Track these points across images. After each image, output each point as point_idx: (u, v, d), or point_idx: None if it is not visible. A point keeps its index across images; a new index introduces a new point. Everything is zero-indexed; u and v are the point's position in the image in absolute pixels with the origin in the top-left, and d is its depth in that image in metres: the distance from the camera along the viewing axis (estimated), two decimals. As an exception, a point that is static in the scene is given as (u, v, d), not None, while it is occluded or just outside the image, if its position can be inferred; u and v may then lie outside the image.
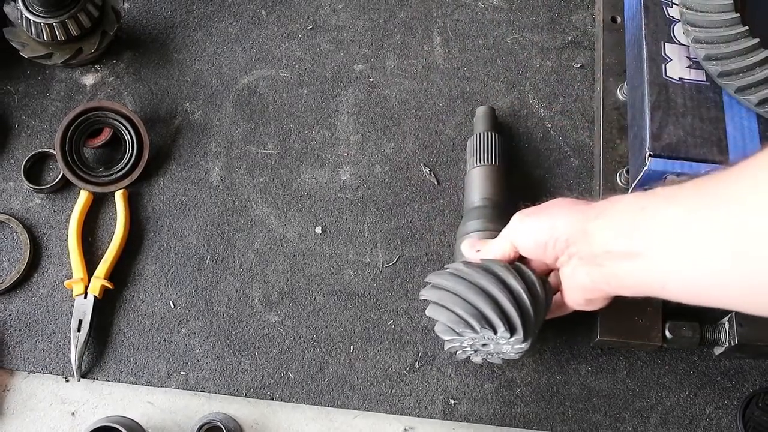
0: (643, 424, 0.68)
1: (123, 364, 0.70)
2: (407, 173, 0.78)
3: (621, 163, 0.73)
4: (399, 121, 0.80)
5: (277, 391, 0.69)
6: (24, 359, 0.70)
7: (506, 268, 0.60)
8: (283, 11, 0.86)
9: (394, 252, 0.74)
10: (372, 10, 0.86)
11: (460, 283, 0.60)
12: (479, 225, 0.66)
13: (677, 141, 0.63)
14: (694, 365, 0.70)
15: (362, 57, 0.83)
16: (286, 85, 0.82)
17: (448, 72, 0.82)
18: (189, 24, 0.85)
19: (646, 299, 0.68)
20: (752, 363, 0.70)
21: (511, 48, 0.84)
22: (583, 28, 0.84)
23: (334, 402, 0.69)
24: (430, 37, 0.84)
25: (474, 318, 0.58)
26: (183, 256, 0.74)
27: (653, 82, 0.65)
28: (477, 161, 0.72)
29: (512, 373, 0.70)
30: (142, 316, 0.72)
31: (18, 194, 0.76)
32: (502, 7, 0.86)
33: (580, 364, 0.70)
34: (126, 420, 0.65)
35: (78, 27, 0.76)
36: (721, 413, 0.69)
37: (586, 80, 0.82)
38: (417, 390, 0.69)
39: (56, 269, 0.73)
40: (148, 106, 0.80)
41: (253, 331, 0.71)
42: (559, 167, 0.78)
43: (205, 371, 0.70)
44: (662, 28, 0.68)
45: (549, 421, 0.68)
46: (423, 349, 0.70)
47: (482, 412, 0.68)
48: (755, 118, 0.64)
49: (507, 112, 0.80)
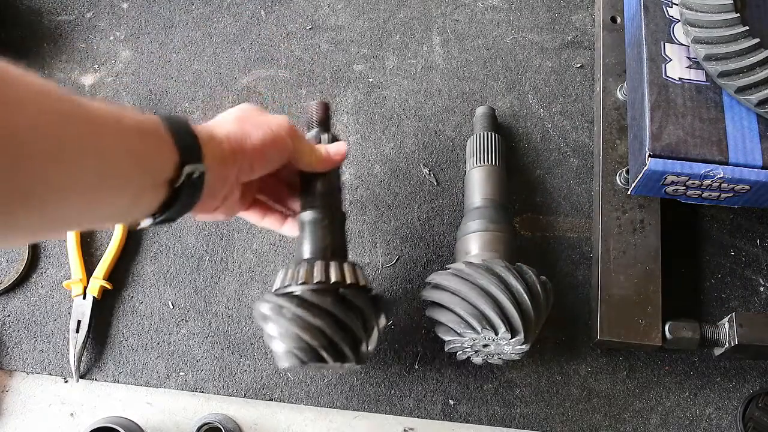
0: (643, 424, 0.68)
1: (122, 365, 0.70)
2: (407, 173, 0.78)
3: (621, 164, 0.73)
4: (398, 121, 0.80)
5: (276, 392, 0.69)
6: (23, 360, 0.70)
7: (507, 268, 0.60)
8: (282, 11, 0.86)
9: (393, 252, 0.74)
10: (371, 10, 0.86)
11: (461, 283, 0.59)
12: (479, 225, 0.66)
13: (677, 141, 0.63)
14: (694, 366, 0.70)
15: (361, 57, 0.83)
16: (285, 85, 0.82)
17: (448, 72, 0.82)
18: (188, 24, 0.85)
19: (646, 299, 0.68)
20: (752, 364, 0.70)
21: (511, 48, 0.84)
22: (582, 28, 0.84)
23: (334, 403, 0.68)
24: (430, 38, 0.84)
25: (475, 319, 0.58)
26: (182, 256, 0.74)
27: (653, 82, 0.65)
28: (477, 161, 0.72)
29: (512, 374, 0.69)
30: (141, 317, 0.71)
31: (17, 194, 0.76)
32: (501, 7, 0.86)
33: (579, 364, 0.70)
34: (125, 421, 0.65)
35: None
36: (721, 414, 0.69)
37: (585, 80, 0.82)
38: (416, 390, 0.69)
39: (55, 270, 0.73)
40: (148, 107, 0.80)
41: (253, 332, 0.71)
42: (558, 167, 0.78)
43: (204, 372, 0.69)
44: (662, 28, 0.68)
45: (549, 422, 0.68)
46: (422, 350, 0.70)
47: (482, 412, 0.68)
48: (755, 119, 0.64)
49: (507, 112, 0.80)
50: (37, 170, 0.37)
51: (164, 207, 0.48)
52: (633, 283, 0.68)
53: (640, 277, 0.68)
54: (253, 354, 0.70)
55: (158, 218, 0.49)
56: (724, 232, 0.75)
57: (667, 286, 0.68)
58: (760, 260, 0.74)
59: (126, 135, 0.43)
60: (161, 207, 0.48)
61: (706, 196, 0.66)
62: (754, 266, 0.73)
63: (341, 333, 0.55)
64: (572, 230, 0.75)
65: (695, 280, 0.73)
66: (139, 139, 0.44)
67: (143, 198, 0.46)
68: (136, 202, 0.46)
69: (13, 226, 0.39)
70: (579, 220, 0.75)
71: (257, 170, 0.56)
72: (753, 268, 0.73)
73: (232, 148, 0.52)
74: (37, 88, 0.38)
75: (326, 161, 0.61)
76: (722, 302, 0.72)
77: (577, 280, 0.73)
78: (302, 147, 0.59)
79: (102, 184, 0.42)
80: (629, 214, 0.71)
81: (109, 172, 0.42)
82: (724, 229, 0.75)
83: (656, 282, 0.68)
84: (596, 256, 0.71)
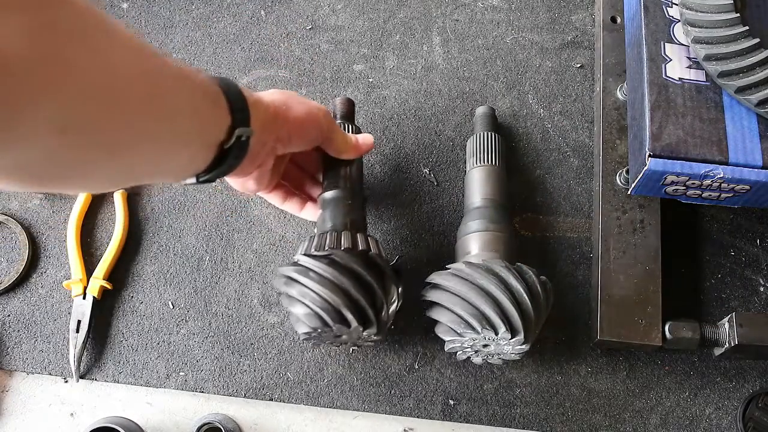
0: (643, 424, 0.68)
1: (122, 365, 0.70)
2: (407, 173, 0.78)
3: (621, 164, 0.73)
4: (398, 121, 0.80)
5: (276, 392, 0.69)
6: (23, 360, 0.70)
7: (507, 268, 0.60)
8: (282, 11, 0.86)
9: (394, 252, 0.74)
10: (371, 10, 0.86)
11: (461, 283, 0.59)
12: (480, 225, 0.66)
13: (677, 141, 0.63)
14: (694, 366, 0.70)
15: (361, 57, 0.83)
16: (285, 85, 0.82)
17: (448, 72, 0.82)
18: (188, 24, 0.85)
19: (646, 299, 0.68)
20: (752, 363, 0.70)
21: (511, 48, 0.84)
22: (582, 28, 0.84)
23: (334, 403, 0.68)
24: (430, 37, 0.84)
25: (475, 319, 0.58)
26: (182, 256, 0.74)
27: (653, 82, 0.65)
28: (477, 161, 0.72)
29: (512, 374, 0.69)
30: (141, 317, 0.71)
31: (17, 194, 0.76)
32: (501, 7, 0.86)
33: (579, 364, 0.70)
34: (125, 421, 0.65)
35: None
36: (721, 414, 0.69)
37: (585, 80, 0.82)
38: (416, 391, 0.69)
39: (55, 270, 0.73)
40: (147, 107, 0.80)
41: (252, 332, 0.71)
42: (558, 167, 0.78)
43: (204, 372, 0.69)
44: (662, 28, 0.68)
45: (549, 422, 0.68)
46: (422, 350, 0.70)
47: (482, 412, 0.68)
48: (755, 119, 0.64)
49: (507, 112, 0.80)
50: (126, 121, 0.40)
51: (210, 167, 0.51)
52: (633, 283, 0.68)
53: (640, 277, 0.68)
54: (253, 354, 0.70)
55: (202, 178, 0.52)
56: (724, 232, 0.75)
57: (667, 286, 0.68)
58: (760, 260, 0.74)
59: (195, 96, 0.46)
60: (208, 167, 0.51)
61: (706, 196, 0.66)
62: (754, 266, 0.73)
63: (367, 296, 0.57)
64: (572, 230, 0.75)
65: (695, 280, 0.73)
66: (203, 101, 0.47)
67: (198, 157, 0.49)
68: (192, 161, 0.49)
69: (93, 172, 0.42)
70: (579, 220, 0.75)
71: (294, 143, 0.59)
72: (753, 268, 0.73)
73: (276, 114, 0.56)
74: (133, 44, 0.40)
75: (356, 148, 0.66)
76: (722, 302, 0.72)
77: (577, 280, 0.73)
78: (336, 131, 0.63)
79: (173, 140, 0.45)
80: (629, 214, 0.71)
81: (179, 129, 0.45)
82: (724, 229, 0.75)
83: (656, 282, 0.68)
84: (596, 256, 0.71)
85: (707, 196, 0.66)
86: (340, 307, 0.56)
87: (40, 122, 0.34)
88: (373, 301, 0.58)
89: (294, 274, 0.58)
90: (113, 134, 0.39)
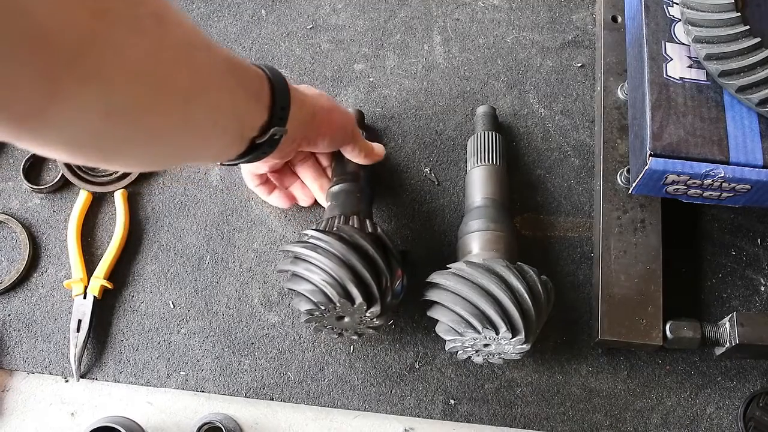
0: (644, 424, 0.68)
1: (122, 365, 0.70)
2: (407, 173, 0.77)
3: (621, 163, 0.73)
4: (399, 120, 0.80)
5: (276, 392, 0.69)
6: (23, 359, 0.70)
7: (508, 267, 0.60)
8: (282, 11, 0.85)
9: (394, 252, 0.74)
10: (372, 9, 0.86)
11: (462, 283, 0.59)
12: (480, 225, 0.66)
13: (678, 140, 0.62)
14: (695, 365, 0.70)
15: (362, 56, 0.83)
16: (285, 84, 0.82)
17: (448, 71, 0.82)
18: (188, 23, 0.85)
19: (647, 299, 0.68)
20: (753, 363, 0.70)
21: (512, 47, 0.83)
22: (583, 27, 0.84)
23: (334, 402, 0.68)
24: (430, 37, 0.84)
25: (476, 318, 0.58)
26: (183, 255, 0.74)
27: (654, 82, 0.65)
28: (477, 161, 0.72)
29: (513, 374, 0.69)
30: (141, 316, 0.71)
31: (17, 194, 0.76)
32: (502, 6, 0.86)
33: (580, 364, 0.70)
34: (125, 420, 0.65)
35: None
36: (722, 413, 0.69)
37: (586, 80, 0.82)
38: (417, 390, 0.69)
39: (55, 269, 0.73)
40: (148, 106, 0.80)
41: (253, 331, 0.71)
42: (559, 167, 0.78)
43: (205, 371, 0.69)
44: (663, 27, 0.68)
45: (549, 422, 0.68)
46: (423, 350, 0.70)
47: (482, 412, 0.68)
48: (756, 118, 0.64)
49: (507, 111, 0.80)
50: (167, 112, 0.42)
51: (239, 156, 0.54)
52: (634, 283, 0.68)
53: (641, 276, 0.68)
54: (253, 353, 0.70)
55: (226, 163, 0.56)
56: (725, 232, 0.75)
57: (668, 286, 0.68)
58: (761, 260, 0.74)
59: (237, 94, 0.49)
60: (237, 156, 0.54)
61: (707, 196, 0.66)
62: (755, 266, 0.73)
63: (372, 273, 0.58)
64: (573, 230, 0.75)
65: (696, 279, 0.73)
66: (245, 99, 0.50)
67: (231, 148, 0.52)
68: (224, 150, 0.52)
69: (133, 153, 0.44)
70: (580, 219, 0.75)
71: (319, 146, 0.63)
72: (754, 268, 0.73)
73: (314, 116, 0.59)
74: (184, 36, 0.42)
75: (371, 155, 0.69)
76: (723, 302, 0.72)
77: (578, 280, 0.73)
78: (359, 140, 0.68)
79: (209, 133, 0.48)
80: (630, 213, 0.71)
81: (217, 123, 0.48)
82: (725, 228, 0.75)
83: (657, 281, 0.68)
84: (597, 256, 0.71)
85: (708, 196, 0.66)
86: (345, 281, 0.57)
87: (86, 104, 0.35)
88: (378, 279, 0.59)
89: (301, 249, 0.59)
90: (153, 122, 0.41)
